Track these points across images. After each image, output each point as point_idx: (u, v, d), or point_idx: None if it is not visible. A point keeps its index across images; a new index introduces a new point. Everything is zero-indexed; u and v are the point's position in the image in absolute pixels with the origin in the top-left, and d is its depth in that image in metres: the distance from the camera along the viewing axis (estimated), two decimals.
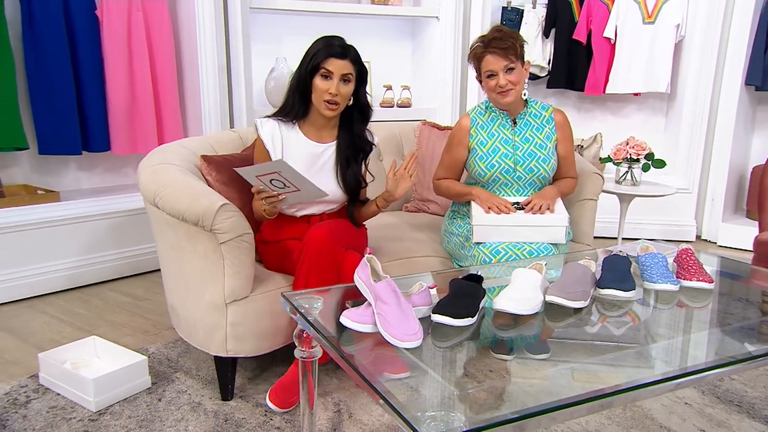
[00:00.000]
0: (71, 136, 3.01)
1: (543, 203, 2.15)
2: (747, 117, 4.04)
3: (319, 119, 2.05)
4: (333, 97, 1.95)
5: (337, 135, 2.11)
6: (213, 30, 3.18)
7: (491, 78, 2.16)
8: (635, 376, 1.32)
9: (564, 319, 1.59)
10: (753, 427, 1.89)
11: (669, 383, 1.29)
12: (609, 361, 1.41)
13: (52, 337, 2.47)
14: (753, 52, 3.77)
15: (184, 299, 2.01)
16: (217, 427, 1.83)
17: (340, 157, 2.09)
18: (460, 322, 1.45)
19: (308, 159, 2.05)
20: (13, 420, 1.86)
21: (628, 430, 1.85)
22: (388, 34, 4.08)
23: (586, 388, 1.25)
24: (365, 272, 1.49)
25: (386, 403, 1.13)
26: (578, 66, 4.04)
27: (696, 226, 4.07)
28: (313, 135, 2.08)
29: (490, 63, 2.14)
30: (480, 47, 2.16)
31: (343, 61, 1.95)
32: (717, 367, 1.35)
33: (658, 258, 1.82)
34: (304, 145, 2.06)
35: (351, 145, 2.10)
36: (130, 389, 1.99)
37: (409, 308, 1.42)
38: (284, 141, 2.04)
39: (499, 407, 1.20)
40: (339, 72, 1.94)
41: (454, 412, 1.11)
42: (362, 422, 1.85)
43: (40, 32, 2.88)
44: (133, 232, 3.14)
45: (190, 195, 1.87)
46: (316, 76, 1.95)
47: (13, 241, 2.80)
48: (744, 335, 1.60)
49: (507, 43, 2.12)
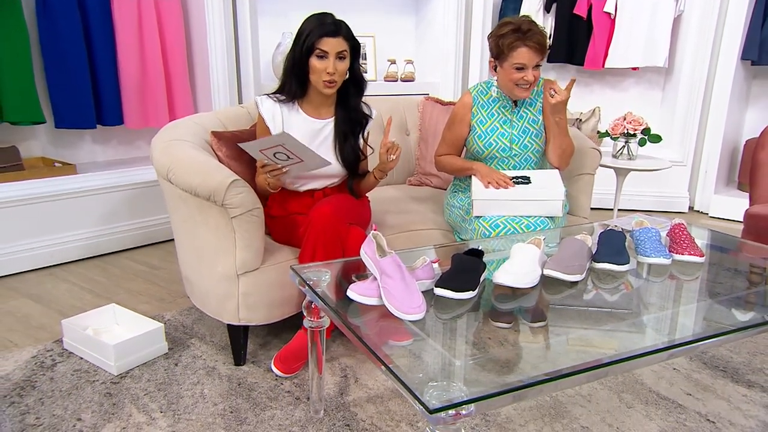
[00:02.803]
0: (86, 111, 3.00)
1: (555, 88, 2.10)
2: (742, 91, 3.98)
3: (318, 97, 2.03)
4: (331, 76, 1.93)
5: (335, 110, 2.09)
6: (221, 5, 3.13)
7: (519, 71, 2.09)
8: (629, 345, 1.34)
9: (561, 291, 1.60)
10: (736, 391, 1.92)
11: (662, 353, 1.30)
12: (603, 330, 1.42)
13: (74, 303, 2.50)
14: (750, 27, 3.69)
15: (197, 270, 2.03)
16: (231, 391, 1.86)
17: (338, 132, 2.07)
18: (461, 295, 1.46)
19: (308, 135, 2.03)
20: (41, 382, 1.90)
21: (619, 395, 1.88)
22: (391, 8, 4.00)
23: (581, 356, 1.26)
24: (371, 248, 1.49)
25: (391, 373, 1.15)
26: (578, 40, 3.97)
27: (689, 197, 4.06)
28: (312, 112, 2.06)
29: (523, 56, 2.06)
30: (516, 36, 2.05)
31: (336, 39, 1.91)
32: (708, 337, 1.36)
33: (651, 233, 1.82)
34: (303, 122, 2.05)
35: (348, 119, 2.08)
36: (148, 354, 2.03)
37: (413, 282, 1.43)
38: (284, 118, 2.03)
39: (499, 376, 1.21)
40: (334, 50, 1.91)
41: (455, 382, 1.12)
42: (368, 386, 1.89)
43: (53, 9, 2.84)
44: (147, 203, 3.15)
45: (202, 171, 1.87)
46: (312, 56, 1.92)
47: (33, 212, 2.81)
48: (733, 306, 1.60)
49: (543, 40, 2.07)
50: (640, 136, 3.21)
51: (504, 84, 2.18)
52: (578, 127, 4.05)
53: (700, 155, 4.01)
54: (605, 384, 1.93)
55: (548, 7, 3.98)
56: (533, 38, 2.05)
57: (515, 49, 2.06)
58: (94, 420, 1.71)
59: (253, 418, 1.73)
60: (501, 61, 2.13)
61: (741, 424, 1.75)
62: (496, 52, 2.13)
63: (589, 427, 1.72)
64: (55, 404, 1.78)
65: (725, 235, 2.17)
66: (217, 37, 3.17)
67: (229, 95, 3.28)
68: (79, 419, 1.71)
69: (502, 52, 2.10)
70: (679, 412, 1.80)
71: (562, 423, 1.73)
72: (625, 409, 1.81)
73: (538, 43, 2.06)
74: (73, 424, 1.69)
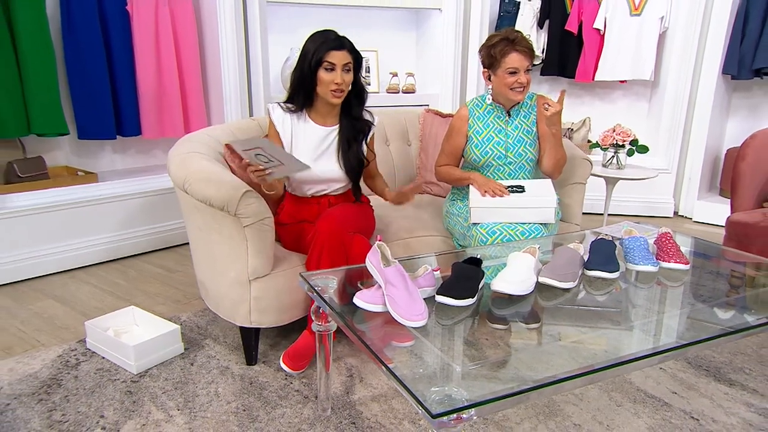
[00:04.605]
0: (106, 123, 3.01)
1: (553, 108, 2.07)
2: (723, 103, 3.97)
3: (324, 106, 2.05)
4: (338, 86, 1.95)
5: (339, 119, 2.10)
6: (233, 22, 3.14)
7: (512, 75, 2.11)
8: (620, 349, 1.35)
9: (555, 297, 1.60)
10: (718, 389, 1.92)
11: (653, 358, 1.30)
12: (596, 335, 1.43)
13: (96, 305, 2.51)
14: (730, 44, 3.69)
15: (211, 276, 2.03)
16: (243, 390, 1.87)
17: (342, 140, 2.09)
18: (461, 302, 1.47)
19: (316, 141, 2.06)
20: (66, 380, 1.91)
21: (609, 393, 1.88)
22: (394, 25, 4.01)
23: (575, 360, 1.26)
24: (376, 257, 1.49)
25: (396, 379, 1.15)
26: (570, 55, 3.98)
27: (674, 203, 4.05)
28: (319, 120, 2.08)
29: (514, 60, 2.09)
30: (506, 43, 2.09)
31: (341, 52, 1.95)
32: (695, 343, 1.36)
33: (639, 241, 1.82)
34: (311, 129, 2.07)
35: (351, 127, 2.10)
36: (165, 354, 2.03)
37: (416, 290, 1.43)
38: (293, 126, 2.06)
39: (498, 381, 1.21)
40: (340, 63, 1.94)
41: (456, 388, 1.12)
42: (372, 385, 1.89)
43: (77, 28, 2.85)
44: (163, 209, 3.15)
45: (216, 183, 1.87)
46: (320, 69, 1.94)
47: (57, 218, 2.82)
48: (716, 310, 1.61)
49: (530, 45, 2.11)
50: (629, 146, 3.21)
51: (499, 90, 2.18)
52: (569, 137, 4.05)
53: (684, 163, 4.01)
54: (596, 384, 1.93)
55: (541, 23, 3.98)
56: (522, 44, 2.09)
57: (507, 55, 2.09)
58: (116, 417, 1.72)
59: (264, 416, 1.73)
60: (494, 69, 2.15)
61: (723, 421, 1.75)
62: (489, 61, 2.15)
63: (581, 424, 1.72)
64: (80, 402, 1.79)
65: (708, 243, 2.17)
66: (229, 53, 3.18)
67: (240, 107, 3.28)
68: (102, 416, 1.72)
69: (495, 60, 2.12)
70: (666, 410, 1.80)
71: (555, 421, 1.73)
72: (614, 408, 1.81)
73: (527, 47, 2.10)
74: (96, 420, 1.70)
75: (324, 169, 2.06)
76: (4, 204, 2.68)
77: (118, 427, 1.67)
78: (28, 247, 2.75)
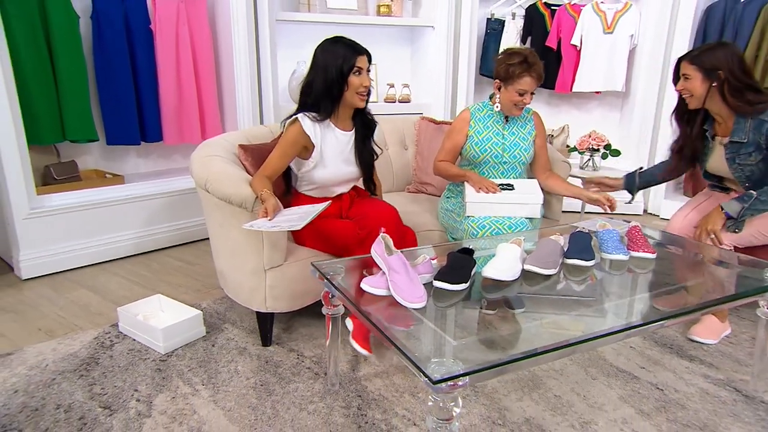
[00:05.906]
0: (132, 130, 3.05)
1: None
2: None
3: (345, 112, 2.02)
4: (366, 88, 1.94)
5: (353, 121, 2.10)
6: (246, 39, 3.17)
7: (521, 95, 2.18)
8: (593, 327, 1.38)
9: (538, 283, 1.66)
10: (680, 364, 1.98)
11: (620, 334, 1.36)
12: (573, 315, 1.47)
13: (125, 294, 2.55)
14: None
15: (231, 266, 2.07)
16: (260, 368, 1.91)
17: (358, 139, 2.09)
18: (456, 287, 1.52)
19: (341, 148, 2.05)
20: (103, 358, 1.95)
21: (586, 369, 1.94)
22: (391, 40, 4.05)
23: (554, 336, 1.31)
24: (380, 247, 1.54)
25: (400, 352, 1.20)
26: (549, 68, 4.01)
27: (644, 202, 4.12)
28: (340, 126, 2.05)
29: (527, 84, 2.15)
30: (525, 67, 2.12)
31: (364, 56, 1.94)
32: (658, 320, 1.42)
33: (612, 234, 1.89)
34: (336, 136, 2.04)
35: (363, 125, 2.10)
36: (189, 337, 2.08)
37: (416, 276, 1.48)
38: (322, 134, 2.01)
39: (487, 354, 1.26)
40: (365, 65, 1.94)
41: (453, 359, 1.17)
42: (375, 363, 1.94)
43: (106, 46, 2.89)
44: (183, 208, 3.19)
45: (234, 183, 1.91)
46: (351, 74, 1.90)
47: (88, 216, 2.85)
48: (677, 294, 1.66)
49: (542, 71, 2.16)
50: (603, 150, 3.28)
51: (505, 103, 2.25)
52: (550, 142, 4.11)
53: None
54: (574, 360, 1.99)
55: (524, 39, 4.04)
56: (537, 70, 2.14)
57: (521, 77, 2.14)
58: (148, 391, 1.77)
59: (279, 390, 1.78)
60: (507, 84, 2.20)
61: (683, 391, 1.82)
62: (504, 76, 2.18)
63: (560, 395, 1.78)
64: (116, 377, 1.84)
65: (672, 235, 2.24)
66: (242, 66, 3.21)
67: (252, 115, 3.31)
68: (136, 390, 1.77)
69: (510, 77, 2.16)
70: (635, 383, 1.86)
71: (538, 392, 1.79)
72: (590, 381, 1.87)
73: (539, 74, 2.15)
74: (131, 393, 1.75)
75: (347, 170, 2.07)
76: (42, 204, 2.72)
77: (151, 399, 1.72)
78: (63, 242, 2.79)
